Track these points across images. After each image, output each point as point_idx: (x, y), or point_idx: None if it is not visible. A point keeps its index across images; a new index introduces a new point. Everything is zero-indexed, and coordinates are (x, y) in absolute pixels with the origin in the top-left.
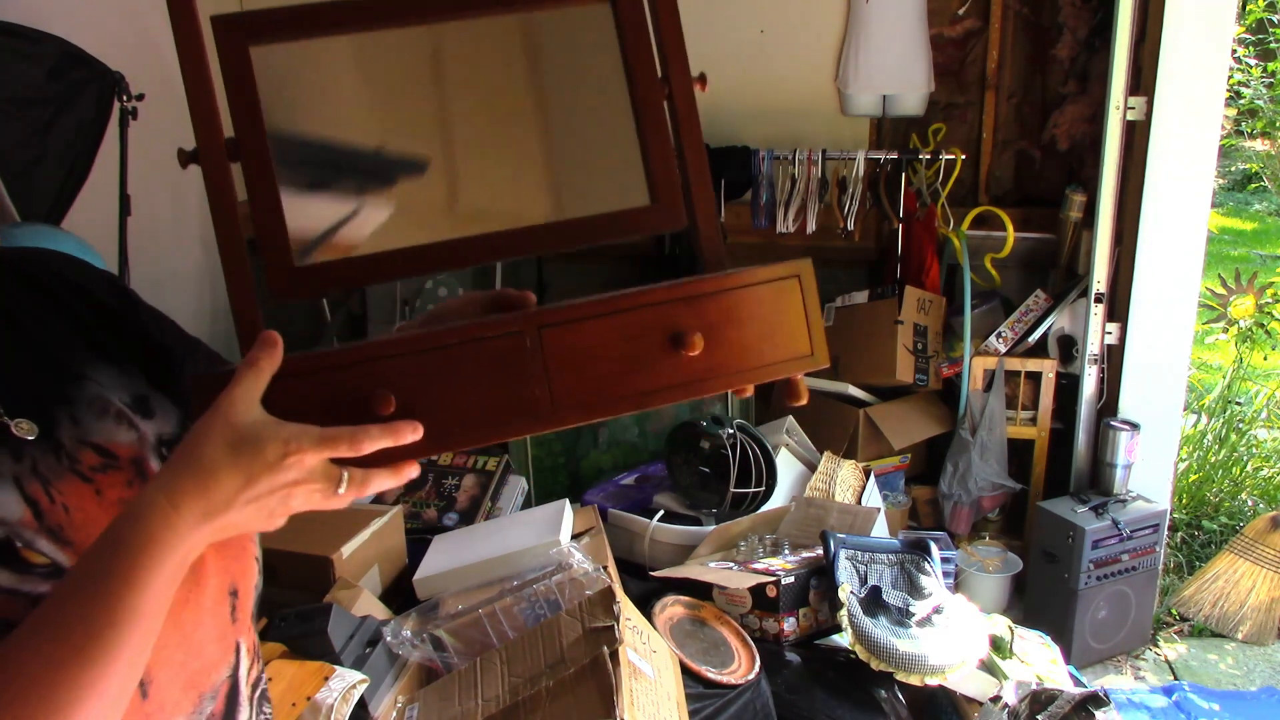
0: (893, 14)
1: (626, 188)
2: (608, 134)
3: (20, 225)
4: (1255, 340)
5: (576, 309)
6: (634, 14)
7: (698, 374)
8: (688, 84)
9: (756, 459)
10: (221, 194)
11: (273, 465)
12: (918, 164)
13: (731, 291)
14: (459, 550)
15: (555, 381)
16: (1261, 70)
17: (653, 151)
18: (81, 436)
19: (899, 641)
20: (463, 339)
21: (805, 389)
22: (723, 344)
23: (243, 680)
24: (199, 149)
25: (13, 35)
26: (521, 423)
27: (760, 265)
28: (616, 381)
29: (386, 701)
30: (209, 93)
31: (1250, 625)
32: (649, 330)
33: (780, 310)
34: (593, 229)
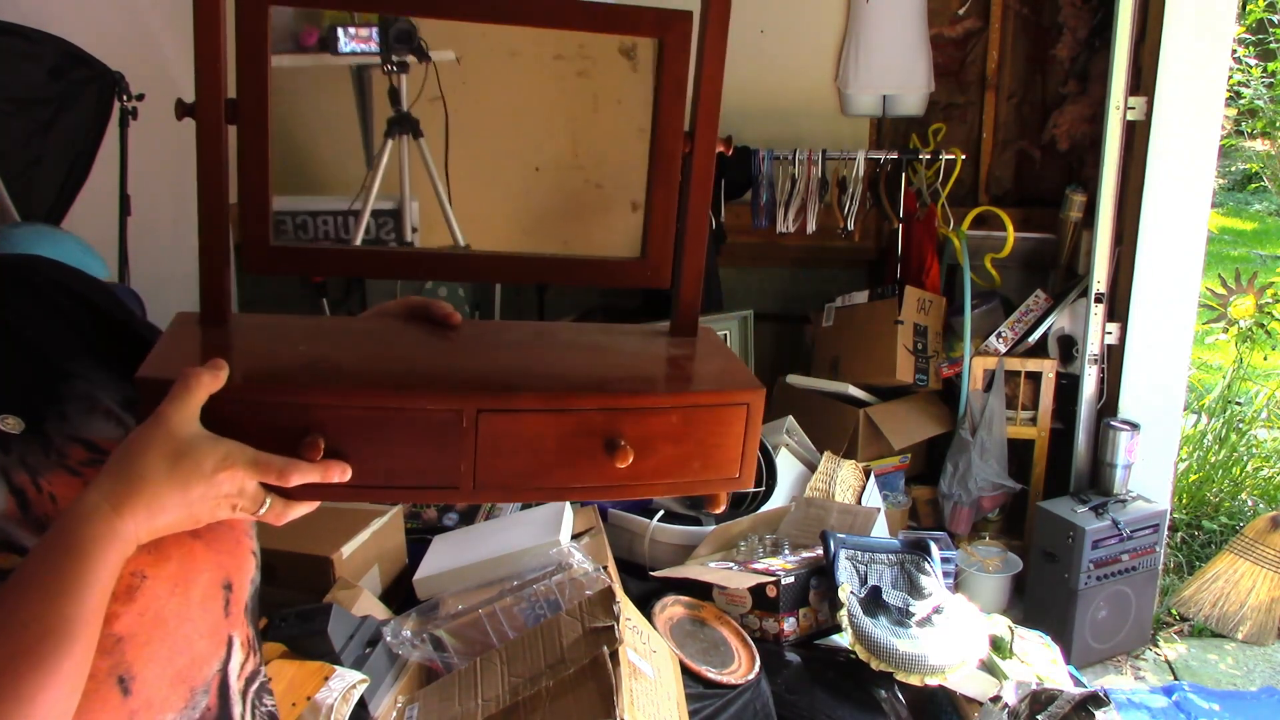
0: (893, 14)
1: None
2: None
3: (20, 225)
4: (1255, 340)
5: (519, 400)
6: (678, 59)
7: (623, 479)
8: (712, 145)
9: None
10: (212, 155)
11: (208, 478)
12: (918, 164)
13: (676, 410)
14: (459, 550)
15: (481, 462)
16: (1261, 70)
17: (657, 205)
18: (70, 432)
19: (899, 641)
20: (403, 406)
21: (725, 500)
22: (654, 455)
23: (232, 674)
24: (197, 103)
25: (13, 35)
26: (442, 492)
27: (724, 366)
28: (541, 473)
29: (386, 701)
30: (219, 48)
31: (1250, 625)
32: (585, 432)
33: (720, 433)
34: (572, 270)
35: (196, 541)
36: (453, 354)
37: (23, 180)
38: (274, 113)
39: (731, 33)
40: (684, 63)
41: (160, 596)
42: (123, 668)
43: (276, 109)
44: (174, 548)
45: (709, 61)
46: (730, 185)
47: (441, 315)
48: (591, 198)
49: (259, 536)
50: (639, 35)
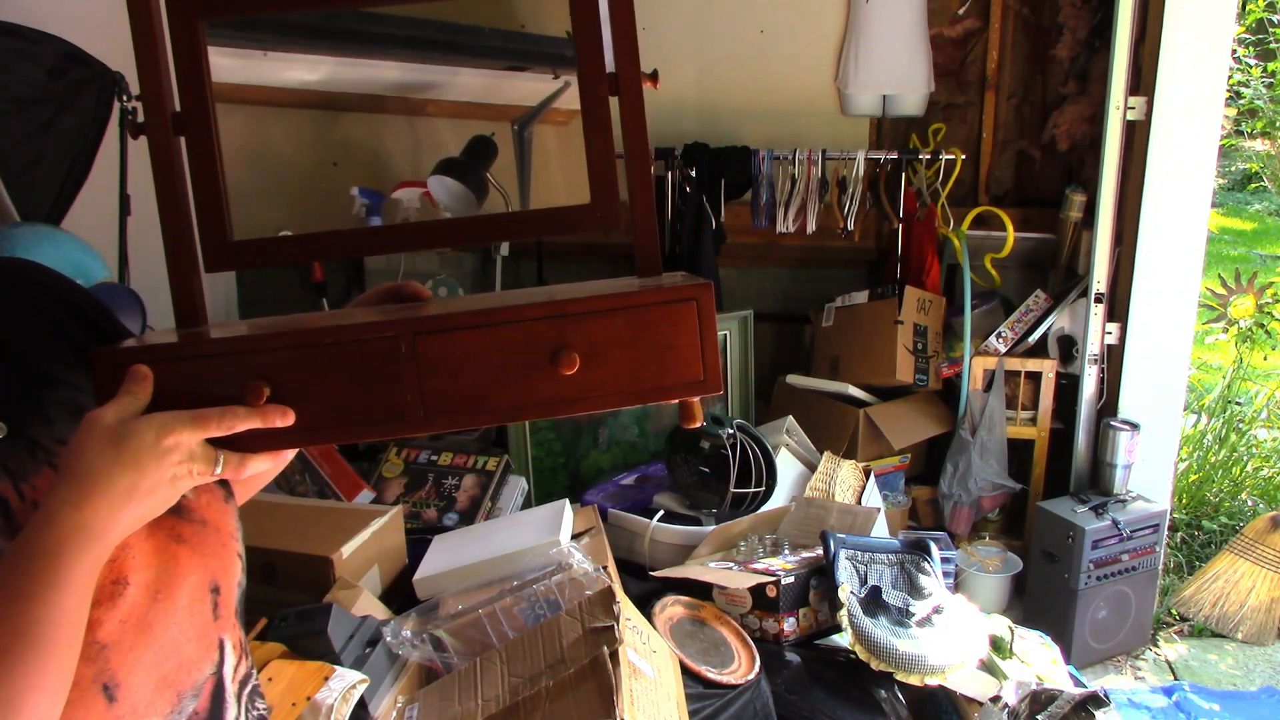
0: (893, 14)
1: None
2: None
3: (20, 225)
4: (1255, 340)
5: (452, 318)
6: (587, 4)
7: (576, 392)
8: (638, 80)
9: (756, 459)
10: (167, 166)
11: (153, 449)
12: (918, 164)
13: (618, 311)
14: (459, 550)
15: (427, 387)
16: (1261, 70)
17: (594, 149)
18: (56, 435)
19: (899, 641)
20: (339, 339)
21: (699, 412)
22: (604, 363)
23: (228, 678)
24: (145, 120)
25: (13, 35)
26: (392, 425)
27: (674, 281)
28: (490, 394)
29: (386, 701)
30: (160, 65)
31: (1250, 625)
32: (527, 345)
33: (672, 333)
34: (525, 225)
35: (181, 545)
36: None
37: (23, 180)
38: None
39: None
40: (593, 6)
41: (144, 602)
42: (107, 675)
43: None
44: (157, 553)
45: (617, 1)
46: (730, 185)
47: (411, 292)
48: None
49: (249, 537)
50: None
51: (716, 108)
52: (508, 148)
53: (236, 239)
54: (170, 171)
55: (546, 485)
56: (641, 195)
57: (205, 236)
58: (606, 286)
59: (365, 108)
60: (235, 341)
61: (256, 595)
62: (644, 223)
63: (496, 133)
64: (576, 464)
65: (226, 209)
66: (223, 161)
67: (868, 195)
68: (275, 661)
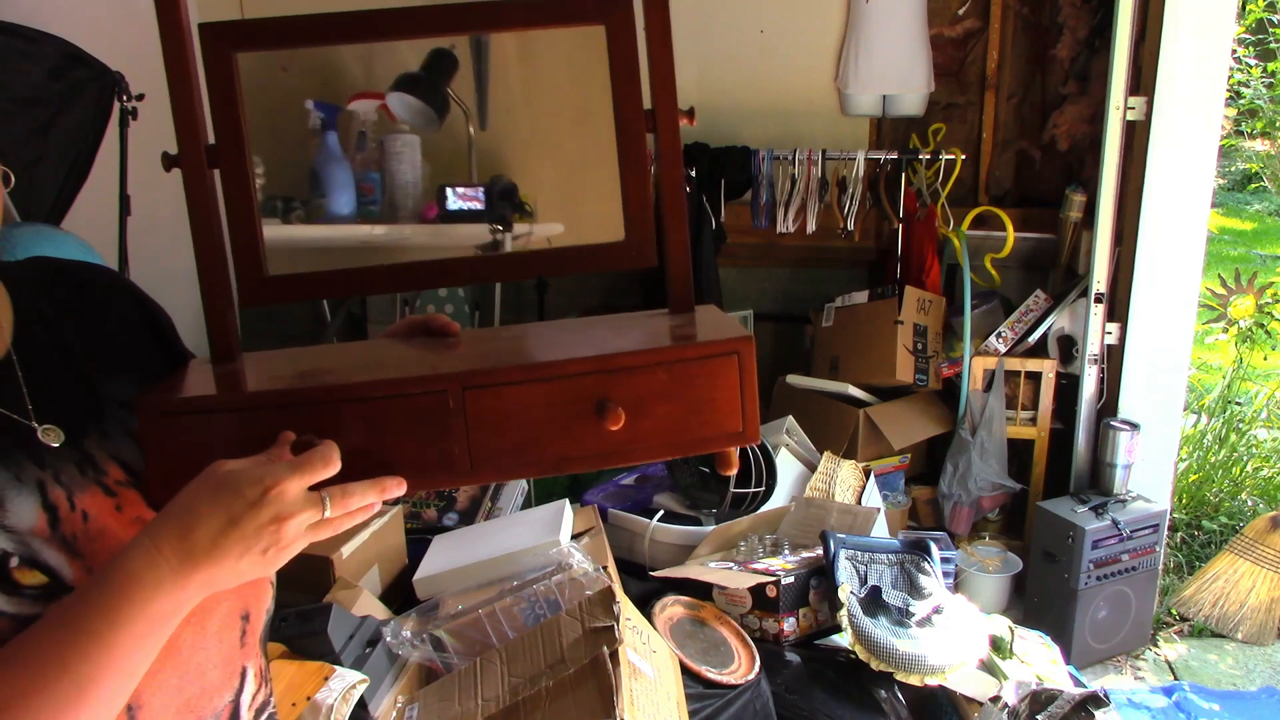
0: (893, 14)
1: (602, 220)
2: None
3: (20, 225)
4: (1255, 340)
5: (502, 373)
6: (625, 40)
7: (620, 444)
8: (674, 118)
9: (756, 459)
10: (201, 199)
11: (254, 503)
12: (918, 164)
13: (662, 366)
14: (459, 550)
15: (475, 440)
16: (1261, 70)
17: (630, 186)
18: (111, 450)
19: (899, 641)
20: (388, 393)
21: (736, 459)
22: (649, 416)
23: (244, 705)
24: (180, 152)
25: (13, 35)
26: (439, 476)
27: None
28: (535, 446)
29: (386, 701)
30: (193, 98)
31: (1250, 625)
32: (573, 398)
33: (714, 386)
34: (560, 261)
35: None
36: (445, 352)
37: (23, 180)
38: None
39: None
40: (631, 44)
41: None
42: (131, 696)
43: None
44: None
45: (655, 38)
46: (730, 185)
47: (439, 326)
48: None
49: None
50: (582, 24)
51: (716, 108)
52: (466, 58)
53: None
54: (204, 204)
55: (546, 485)
56: (676, 231)
57: (241, 272)
58: (641, 327)
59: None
60: (288, 395)
61: None
62: (678, 259)
63: (456, 45)
64: None
65: (261, 244)
66: (257, 196)
67: (868, 195)
68: (275, 661)
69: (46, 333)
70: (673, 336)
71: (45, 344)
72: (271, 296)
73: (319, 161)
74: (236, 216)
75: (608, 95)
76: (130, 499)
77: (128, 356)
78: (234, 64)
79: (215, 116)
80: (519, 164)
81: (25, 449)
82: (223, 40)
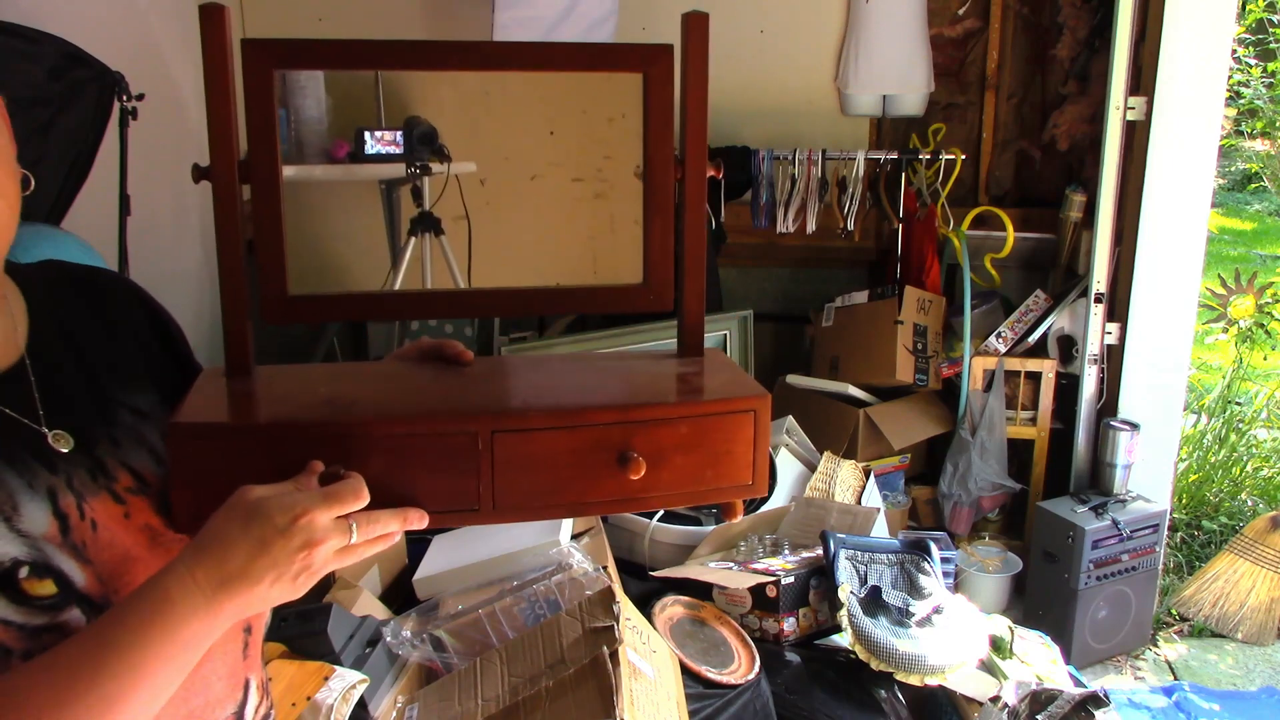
0: (893, 14)
1: (620, 262)
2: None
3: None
4: (1255, 340)
5: (531, 418)
6: (663, 91)
7: (637, 492)
8: (703, 169)
9: None
10: (228, 214)
11: (284, 530)
12: (918, 164)
13: (685, 420)
14: (459, 550)
15: (499, 482)
16: (1261, 70)
17: (653, 232)
18: (121, 458)
19: (899, 641)
20: (419, 431)
21: (741, 509)
22: (667, 466)
23: (248, 718)
24: (211, 165)
25: (13, 35)
26: (462, 515)
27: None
28: (557, 490)
29: (386, 701)
30: (230, 112)
31: (1250, 625)
32: (598, 446)
33: (729, 440)
34: (577, 300)
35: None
36: (466, 385)
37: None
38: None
39: (731, 33)
40: (668, 94)
41: None
42: None
43: (310, 217)
44: None
45: (692, 90)
46: (730, 185)
47: (454, 354)
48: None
49: None
50: (623, 70)
51: (716, 108)
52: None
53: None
54: (232, 219)
55: None
56: (694, 279)
57: (265, 289)
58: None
59: None
60: (321, 427)
61: None
62: (694, 307)
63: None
64: None
65: (286, 262)
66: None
67: (868, 195)
68: (275, 661)
69: (61, 338)
70: (688, 385)
71: (59, 349)
72: (295, 315)
73: None
74: (264, 234)
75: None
76: (139, 506)
77: (140, 364)
78: (273, 81)
79: (251, 132)
80: (429, 100)
81: (37, 454)
82: (263, 56)
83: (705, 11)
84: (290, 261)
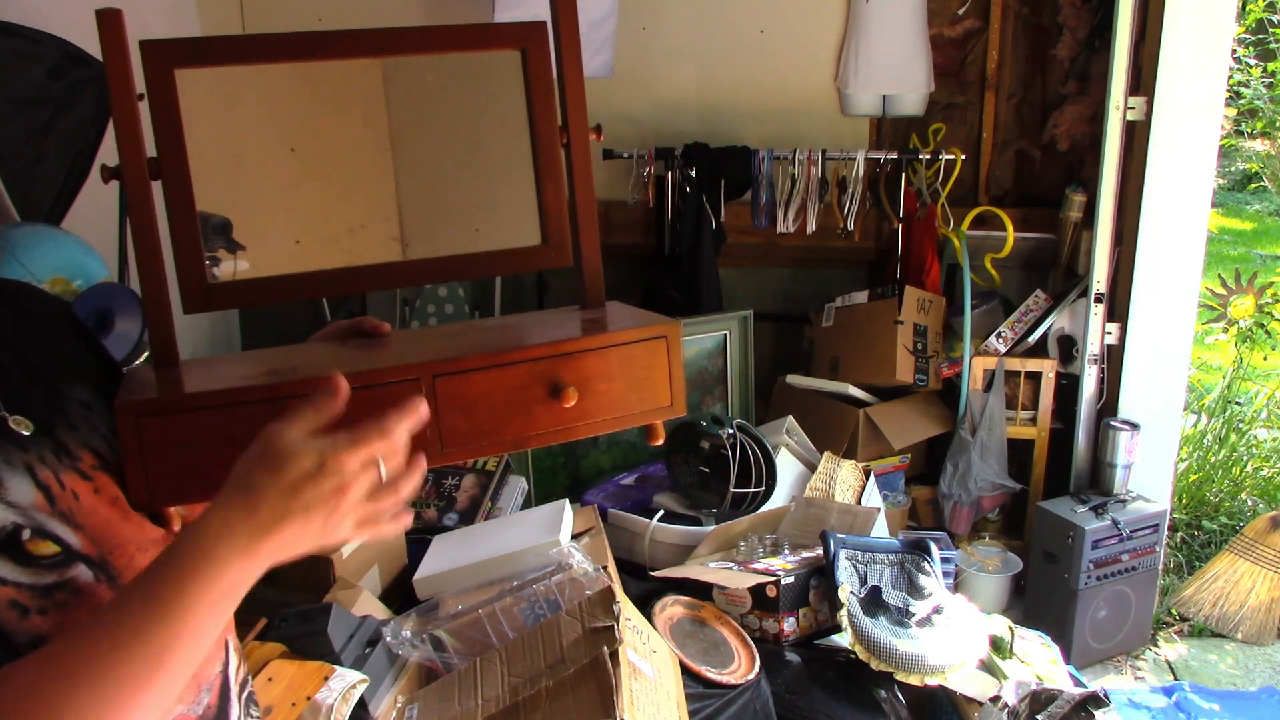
0: (893, 14)
1: (520, 227)
2: (507, 175)
3: (20, 225)
4: (1255, 340)
5: (468, 361)
6: (541, 65)
7: (570, 420)
8: (585, 133)
9: (756, 459)
10: (141, 211)
11: (313, 474)
12: (918, 164)
13: (605, 349)
14: (459, 550)
15: (445, 423)
16: (1261, 70)
17: (547, 195)
18: (81, 440)
19: (899, 641)
20: (366, 384)
21: (663, 431)
22: (594, 395)
23: (232, 678)
24: (121, 165)
25: (13, 35)
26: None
27: (636, 317)
28: (499, 425)
29: (386, 701)
30: (133, 112)
31: (1250, 625)
32: (531, 382)
33: (647, 366)
34: (482, 264)
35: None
36: (396, 346)
37: (23, 180)
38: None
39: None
40: (546, 65)
41: None
42: None
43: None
44: None
45: (568, 60)
46: (730, 185)
47: (371, 327)
48: (483, 198)
49: None
50: (502, 49)
51: (716, 108)
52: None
53: (210, 282)
54: (145, 215)
55: (546, 485)
56: (589, 235)
57: (184, 279)
58: (565, 320)
59: None
60: (271, 389)
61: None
62: (591, 260)
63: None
64: (576, 464)
65: (203, 252)
66: (195, 206)
67: (868, 195)
68: (275, 661)
69: (3, 346)
70: (601, 324)
71: (3, 355)
72: (215, 303)
73: None
74: (179, 227)
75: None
76: (105, 482)
77: (75, 365)
78: (174, 80)
79: (157, 130)
80: (221, 196)
81: (4, 436)
82: (162, 56)
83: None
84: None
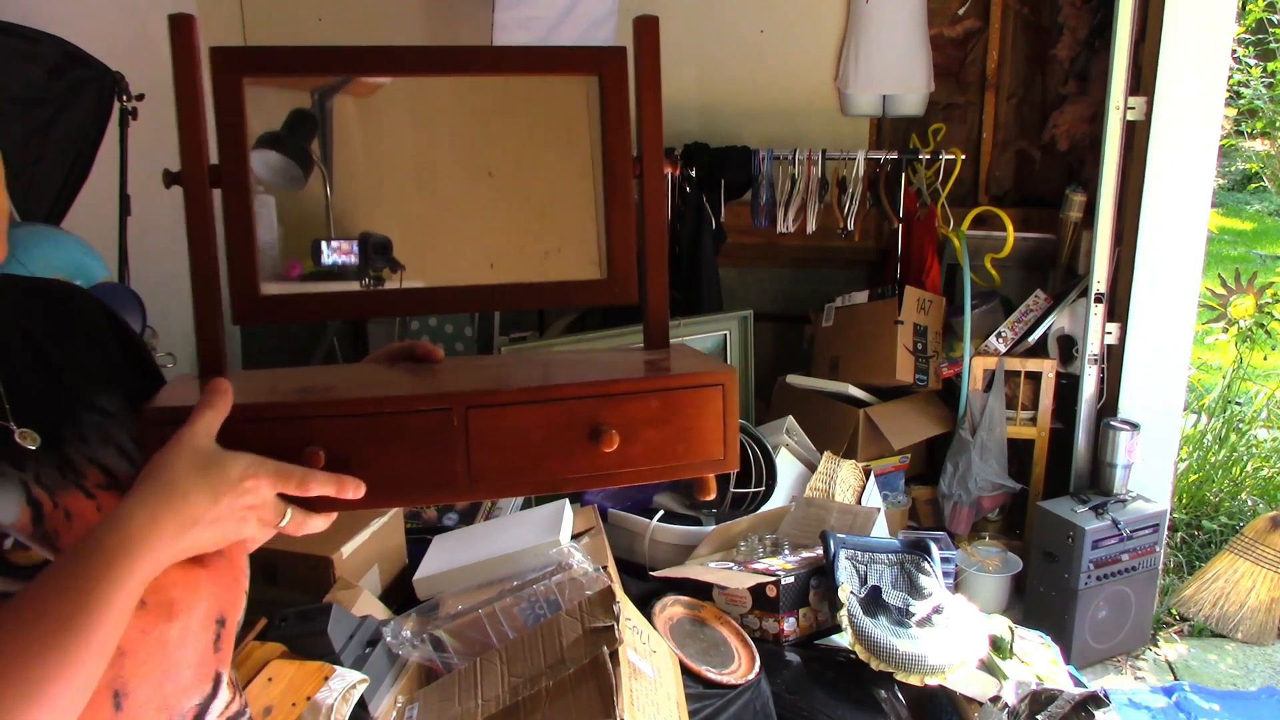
0: (893, 14)
1: (585, 257)
2: (575, 203)
3: (20, 225)
4: (1255, 340)
5: (503, 395)
6: (618, 91)
7: (610, 466)
8: (659, 166)
9: (756, 459)
10: (200, 217)
11: (235, 486)
12: (918, 164)
13: (653, 393)
14: (459, 550)
15: (475, 458)
16: (1261, 70)
17: (614, 228)
18: (89, 455)
19: (899, 641)
20: (397, 409)
21: (714, 486)
22: (639, 441)
23: (213, 712)
24: (183, 172)
25: (13, 35)
26: (439, 492)
27: (699, 362)
28: (532, 465)
29: (386, 701)
30: (200, 119)
31: (1250, 625)
32: (570, 421)
33: (699, 415)
34: (543, 294)
35: (201, 570)
36: (439, 374)
37: (23, 180)
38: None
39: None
40: (623, 94)
41: (164, 618)
42: (119, 683)
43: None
44: (180, 572)
45: (646, 89)
46: (730, 185)
47: (423, 353)
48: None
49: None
50: (578, 74)
51: (716, 108)
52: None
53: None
54: (204, 222)
55: None
56: (655, 272)
57: (236, 289)
58: (622, 360)
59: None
60: (299, 407)
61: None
62: (657, 299)
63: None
64: None
65: (257, 263)
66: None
67: (868, 195)
68: (275, 661)
69: (25, 346)
70: (656, 367)
71: (23, 355)
72: (265, 315)
73: None
74: (235, 236)
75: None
76: (109, 502)
77: (103, 368)
78: (241, 88)
79: (221, 138)
80: (378, 218)
81: (4, 452)
82: (232, 64)
83: (654, 15)
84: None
